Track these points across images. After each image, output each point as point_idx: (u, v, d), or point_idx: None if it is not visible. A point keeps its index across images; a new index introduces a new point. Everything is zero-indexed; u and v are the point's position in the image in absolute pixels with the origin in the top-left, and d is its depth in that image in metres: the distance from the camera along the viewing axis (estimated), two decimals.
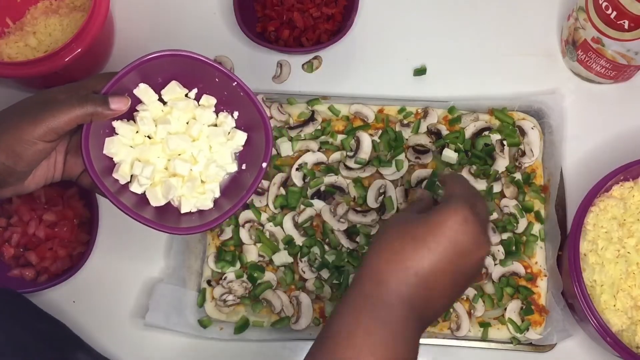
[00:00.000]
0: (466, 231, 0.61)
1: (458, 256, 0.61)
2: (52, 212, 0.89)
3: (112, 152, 0.69)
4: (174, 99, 0.71)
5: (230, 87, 0.72)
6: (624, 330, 0.80)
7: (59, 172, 0.70)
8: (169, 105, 0.71)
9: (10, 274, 0.87)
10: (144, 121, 0.70)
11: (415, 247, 0.61)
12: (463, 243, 0.61)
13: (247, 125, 0.75)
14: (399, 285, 0.60)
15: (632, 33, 0.83)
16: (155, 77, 0.70)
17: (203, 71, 0.71)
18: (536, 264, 0.88)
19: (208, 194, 0.72)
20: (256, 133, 0.74)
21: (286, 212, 0.89)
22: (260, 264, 0.88)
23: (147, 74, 0.69)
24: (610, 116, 0.96)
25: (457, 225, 0.60)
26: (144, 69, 0.68)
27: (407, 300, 0.60)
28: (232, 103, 0.74)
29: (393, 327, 0.59)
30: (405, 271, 0.60)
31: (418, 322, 0.61)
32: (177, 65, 0.70)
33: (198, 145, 0.72)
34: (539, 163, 0.92)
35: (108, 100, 0.66)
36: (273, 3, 0.99)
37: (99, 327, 0.87)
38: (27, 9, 0.99)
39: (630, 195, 0.85)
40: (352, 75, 0.99)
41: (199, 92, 0.73)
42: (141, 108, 0.70)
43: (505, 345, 0.86)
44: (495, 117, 0.93)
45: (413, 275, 0.60)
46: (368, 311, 0.60)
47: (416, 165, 0.92)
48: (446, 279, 0.61)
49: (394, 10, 1.03)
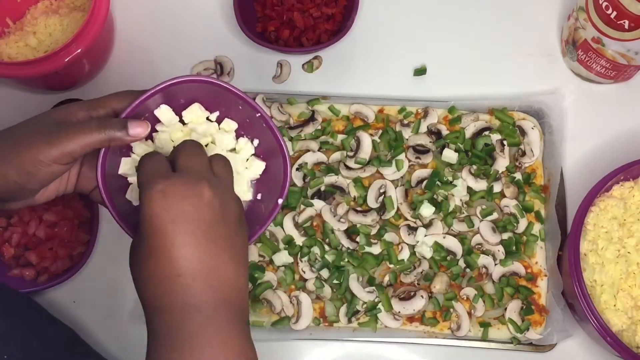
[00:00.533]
0: (173, 200, 0.56)
1: (190, 224, 0.56)
2: (52, 212, 0.89)
3: (127, 173, 0.68)
4: (194, 122, 0.70)
5: (252, 116, 0.71)
6: (624, 330, 0.80)
7: (71, 185, 0.69)
8: (189, 127, 0.70)
9: (11, 274, 0.87)
10: (162, 143, 0.68)
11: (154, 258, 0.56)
12: (181, 210, 0.56)
13: (266, 155, 0.73)
14: (177, 298, 0.56)
15: (632, 33, 0.83)
16: (178, 99, 0.69)
17: (227, 98, 0.70)
18: (536, 264, 0.88)
19: None
20: (274, 165, 0.72)
21: (286, 212, 0.89)
22: (260, 264, 0.88)
23: (170, 95, 0.67)
24: (610, 116, 0.96)
25: (160, 206, 0.56)
26: (168, 91, 0.67)
27: (195, 304, 0.56)
28: (252, 130, 0.72)
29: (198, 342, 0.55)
30: (168, 282, 0.56)
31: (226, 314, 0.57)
32: (202, 89, 0.69)
33: None
34: (539, 163, 0.92)
35: (127, 126, 0.63)
36: (273, 3, 0.99)
37: (99, 327, 0.87)
38: (27, 9, 0.98)
39: (631, 195, 0.85)
40: (352, 75, 0.99)
41: (221, 115, 0.71)
42: (160, 129, 0.68)
43: (506, 345, 0.86)
44: (496, 117, 0.94)
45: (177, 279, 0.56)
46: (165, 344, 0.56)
47: (416, 165, 0.92)
48: (208, 251, 0.57)
49: (394, 10, 1.03)
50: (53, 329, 0.75)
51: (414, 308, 0.84)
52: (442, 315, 0.86)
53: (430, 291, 0.86)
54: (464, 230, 0.89)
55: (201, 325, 0.56)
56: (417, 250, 0.87)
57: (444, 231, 0.89)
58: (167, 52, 1.00)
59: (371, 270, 0.87)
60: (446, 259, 0.87)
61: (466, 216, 0.89)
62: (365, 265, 0.86)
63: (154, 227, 0.56)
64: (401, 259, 0.87)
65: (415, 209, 0.89)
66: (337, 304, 0.87)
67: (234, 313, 0.58)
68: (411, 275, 0.87)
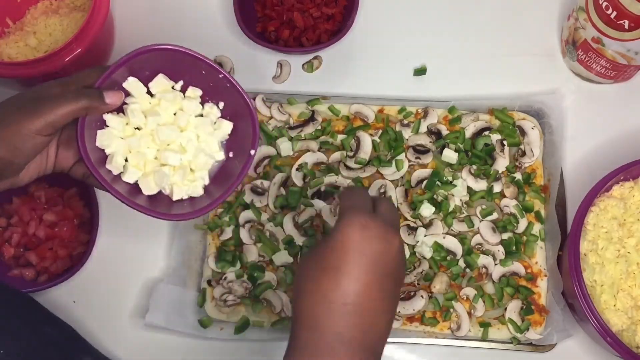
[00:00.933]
0: (370, 236, 0.59)
1: (375, 265, 0.59)
2: (52, 212, 0.89)
3: (104, 144, 0.71)
4: (161, 92, 0.74)
5: (216, 78, 0.75)
6: (624, 330, 0.80)
7: (51, 164, 0.72)
8: (157, 98, 0.74)
9: (11, 274, 0.87)
10: (134, 113, 0.72)
11: (330, 278, 0.59)
12: (373, 250, 0.59)
13: (234, 114, 0.77)
14: (332, 324, 0.58)
15: (632, 33, 0.83)
16: (143, 71, 0.72)
17: (189, 64, 0.74)
18: (536, 264, 0.88)
19: (198, 182, 0.75)
20: (243, 122, 0.77)
21: (286, 212, 0.89)
22: (261, 264, 0.88)
23: (135, 68, 0.71)
24: (610, 116, 0.96)
25: (358, 236, 0.59)
26: (133, 63, 0.71)
27: (346, 337, 0.58)
28: (217, 94, 0.77)
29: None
30: (333, 305, 0.58)
31: (367, 355, 0.59)
32: (164, 59, 0.73)
33: (186, 135, 0.75)
34: (539, 163, 0.92)
35: (103, 95, 0.68)
36: (273, 3, 0.99)
37: (99, 327, 0.87)
38: (27, 9, 0.98)
39: (631, 195, 0.85)
40: (352, 75, 0.99)
41: (185, 84, 0.76)
42: (130, 101, 0.72)
43: (506, 345, 0.86)
44: (496, 117, 0.94)
45: (342, 307, 0.58)
46: None
47: (416, 165, 0.92)
48: (374, 293, 0.59)
49: (394, 10, 1.03)
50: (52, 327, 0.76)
51: (414, 308, 0.84)
52: (442, 315, 0.86)
53: (430, 291, 0.86)
54: (464, 230, 0.89)
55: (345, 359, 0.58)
56: (417, 250, 0.87)
57: (444, 231, 0.89)
58: None
59: None
60: (446, 259, 0.87)
61: (466, 216, 0.89)
62: None
63: (345, 250, 0.59)
64: None
65: (415, 209, 0.89)
66: None
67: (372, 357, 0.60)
68: (411, 275, 0.87)
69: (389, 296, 0.61)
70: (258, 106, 0.94)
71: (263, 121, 0.94)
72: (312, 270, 0.60)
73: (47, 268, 0.87)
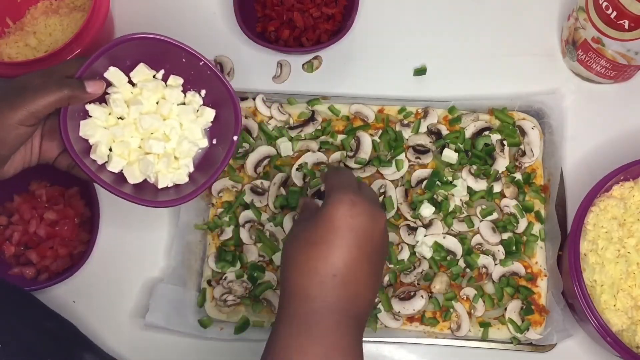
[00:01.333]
0: (358, 213, 0.62)
1: (362, 239, 0.62)
2: (53, 210, 0.89)
3: (88, 134, 0.72)
4: (143, 81, 0.75)
5: (197, 66, 0.76)
6: (624, 330, 0.80)
7: (35, 156, 0.73)
8: (139, 87, 0.75)
9: (11, 273, 0.87)
10: (117, 103, 0.72)
11: (320, 251, 0.61)
12: (361, 225, 0.62)
13: (216, 102, 0.78)
14: (321, 294, 0.61)
15: (632, 33, 0.83)
16: (124, 61, 0.73)
17: (170, 52, 0.75)
18: (536, 264, 0.88)
19: (183, 169, 0.76)
20: (225, 109, 0.78)
21: (286, 212, 0.89)
22: (261, 264, 0.88)
23: (116, 57, 0.72)
24: (610, 116, 0.96)
25: (347, 212, 0.61)
26: (113, 53, 0.71)
27: (334, 306, 0.61)
28: (199, 82, 0.78)
29: (329, 340, 0.60)
30: (323, 277, 0.61)
31: (353, 322, 0.62)
32: (145, 48, 0.73)
33: (169, 124, 0.76)
34: (539, 163, 0.92)
35: (84, 84, 0.68)
36: (273, 3, 0.99)
37: (99, 326, 0.87)
38: (27, 9, 0.99)
39: (631, 195, 0.85)
40: (352, 75, 0.99)
41: (166, 72, 0.77)
42: (112, 90, 0.73)
43: (506, 345, 0.86)
44: (496, 117, 0.94)
45: (331, 278, 0.60)
46: (298, 331, 0.60)
47: (416, 165, 0.92)
48: (363, 266, 0.62)
49: (394, 10, 1.03)
50: (53, 323, 0.76)
51: (414, 308, 0.84)
52: (442, 315, 0.86)
53: (430, 291, 0.86)
54: (464, 230, 0.89)
55: (333, 327, 0.61)
56: (417, 250, 0.87)
57: (444, 231, 0.89)
58: None
59: None
60: (446, 259, 0.87)
61: (466, 216, 0.89)
62: None
63: (335, 224, 0.61)
64: (401, 259, 0.87)
65: (415, 209, 0.89)
66: None
67: (358, 326, 0.63)
68: (411, 275, 0.87)
69: (375, 270, 0.64)
70: (258, 106, 0.94)
71: (263, 121, 0.94)
72: (302, 244, 0.63)
73: (47, 267, 0.88)
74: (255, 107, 0.94)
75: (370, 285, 0.64)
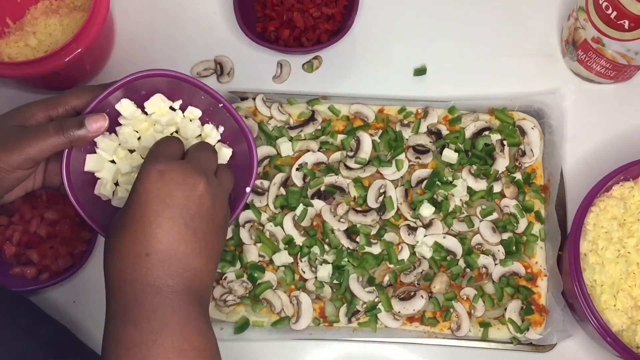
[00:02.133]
0: (167, 182, 0.58)
1: (177, 209, 0.58)
2: (53, 210, 0.89)
3: (93, 169, 0.68)
4: (158, 113, 0.70)
5: (215, 105, 0.72)
6: (624, 330, 0.80)
7: (38, 182, 0.70)
8: (153, 119, 0.70)
9: (12, 272, 0.87)
10: (126, 137, 0.69)
11: (132, 232, 0.57)
12: (171, 195, 0.58)
13: (232, 141, 0.74)
14: (139, 277, 0.57)
15: (632, 33, 0.83)
16: (139, 91, 0.69)
17: (188, 89, 0.71)
18: (536, 264, 0.88)
19: None
20: (240, 151, 0.73)
21: (286, 212, 0.89)
22: (260, 264, 0.88)
23: (130, 88, 0.68)
24: (610, 116, 0.96)
25: (154, 184, 0.57)
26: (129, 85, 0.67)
27: (158, 286, 0.57)
28: (217, 118, 0.73)
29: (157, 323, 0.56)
30: (136, 258, 0.57)
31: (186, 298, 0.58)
32: (163, 81, 0.70)
33: None
34: (539, 163, 0.92)
35: (85, 123, 0.64)
36: (273, 3, 0.99)
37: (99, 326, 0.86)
38: (27, 9, 0.98)
39: (631, 195, 0.85)
40: (352, 75, 0.99)
41: (184, 103, 0.72)
42: (123, 122, 0.69)
43: (506, 345, 0.86)
44: (496, 117, 0.94)
45: (145, 257, 0.57)
46: (122, 321, 0.57)
47: (416, 165, 0.92)
48: (183, 237, 0.58)
49: (394, 10, 1.03)
50: (46, 328, 0.75)
51: (414, 308, 0.84)
52: (442, 315, 0.86)
53: (430, 291, 0.86)
54: (464, 230, 0.89)
55: (159, 307, 0.57)
56: (417, 250, 0.87)
57: (444, 231, 0.89)
58: (167, 52, 1.00)
59: (371, 270, 0.87)
60: (446, 259, 0.87)
61: (466, 216, 0.89)
62: (365, 265, 0.86)
63: (141, 201, 0.57)
64: (401, 259, 0.87)
65: (415, 209, 0.89)
66: (337, 304, 0.87)
67: (195, 299, 0.59)
68: (411, 275, 0.87)
69: (203, 238, 0.60)
70: (258, 106, 0.94)
71: (263, 121, 0.94)
72: (116, 228, 0.59)
73: (48, 266, 0.87)
74: (255, 107, 0.94)
75: (198, 255, 0.59)
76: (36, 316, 0.76)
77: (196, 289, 0.59)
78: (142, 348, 0.55)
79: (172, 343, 0.56)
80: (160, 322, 0.56)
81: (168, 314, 0.57)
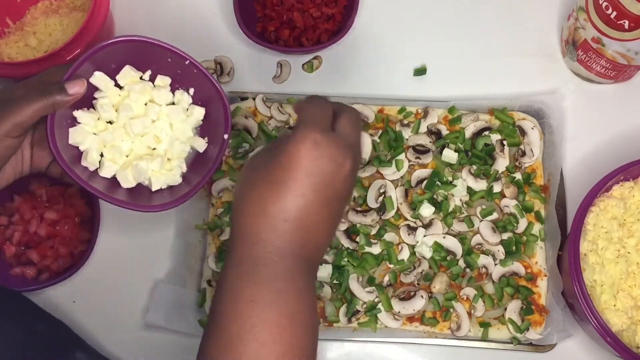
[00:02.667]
0: (321, 155, 0.57)
1: (322, 184, 0.58)
2: (53, 210, 0.89)
3: (77, 142, 0.72)
4: (129, 83, 0.74)
5: (183, 65, 0.76)
6: (624, 330, 0.80)
7: (26, 165, 0.73)
8: (126, 90, 0.74)
9: (12, 272, 0.87)
10: (104, 108, 0.72)
11: (274, 192, 0.57)
12: (321, 169, 0.57)
13: (204, 100, 0.78)
14: (272, 239, 0.57)
15: (632, 33, 0.83)
16: (109, 64, 0.73)
17: (155, 53, 0.75)
18: (536, 264, 0.88)
19: (176, 170, 0.76)
20: (214, 108, 0.78)
21: None
22: None
23: (100, 62, 0.72)
24: (610, 116, 0.96)
25: (308, 153, 0.57)
26: (97, 57, 0.71)
27: (287, 251, 0.58)
28: (186, 80, 0.77)
29: (278, 286, 0.57)
30: (274, 221, 0.57)
31: (304, 267, 0.59)
32: (129, 51, 0.73)
33: (159, 125, 0.76)
34: (539, 163, 0.92)
35: (65, 87, 0.68)
36: (273, 3, 0.99)
37: (99, 326, 0.87)
38: (27, 9, 0.99)
39: (631, 195, 0.85)
40: (352, 75, 0.99)
41: (153, 73, 0.76)
42: (99, 95, 0.73)
43: (505, 345, 0.86)
44: (496, 117, 0.94)
45: (283, 223, 0.57)
46: (247, 276, 0.57)
47: (416, 165, 0.92)
48: (319, 211, 0.58)
49: (394, 11, 1.03)
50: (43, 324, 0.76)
51: (414, 308, 0.84)
52: (442, 315, 0.86)
53: (430, 291, 0.86)
54: (464, 230, 0.89)
55: (280, 272, 0.58)
56: (417, 250, 0.87)
57: (443, 231, 0.89)
58: None
59: (371, 270, 0.87)
60: (446, 259, 0.87)
61: (466, 216, 0.89)
62: (365, 265, 0.86)
63: (292, 166, 0.57)
64: (401, 259, 0.87)
65: (415, 209, 0.89)
66: (337, 304, 0.87)
67: (311, 271, 0.61)
68: (411, 275, 0.87)
69: (332, 215, 0.61)
70: (258, 106, 0.94)
71: (263, 121, 0.94)
72: (256, 180, 0.59)
73: (48, 266, 0.88)
74: (255, 107, 0.94)
75: (325, 230, 0.60)
76: (33, 312, 0.77)
77: (314, 261, 0.61)
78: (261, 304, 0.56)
79: (288, 309, 0.57)
80: (279, 287, 0.57)
81: (288, 281, 0.58)
